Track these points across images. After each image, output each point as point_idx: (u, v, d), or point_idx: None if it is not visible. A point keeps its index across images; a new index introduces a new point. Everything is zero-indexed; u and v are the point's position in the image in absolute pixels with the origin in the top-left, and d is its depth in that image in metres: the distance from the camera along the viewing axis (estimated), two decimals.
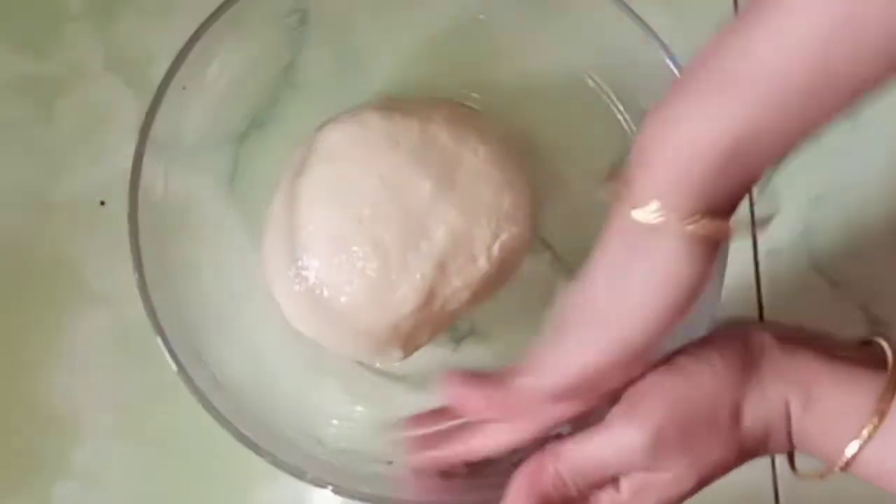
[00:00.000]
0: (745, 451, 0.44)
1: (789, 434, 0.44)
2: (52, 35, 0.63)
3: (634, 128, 0.56)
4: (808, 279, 0.63)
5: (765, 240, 0.63)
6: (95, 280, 0.61)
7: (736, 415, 0.43)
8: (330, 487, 0.49)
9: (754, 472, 0.46)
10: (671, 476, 0.43)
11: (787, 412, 0.44)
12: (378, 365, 0.58)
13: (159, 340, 0.49)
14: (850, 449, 0.43)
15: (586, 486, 0.44)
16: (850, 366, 0.44)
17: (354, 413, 0.56)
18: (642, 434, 0.43)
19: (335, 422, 0.56)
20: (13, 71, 0.63)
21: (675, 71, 0.53)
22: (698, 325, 0.51)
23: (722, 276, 0.52)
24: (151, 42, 0.62)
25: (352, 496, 0.49)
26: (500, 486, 0.46)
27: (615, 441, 0.43)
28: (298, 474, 0.49)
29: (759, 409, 0.44)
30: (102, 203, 0.62)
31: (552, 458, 0.44)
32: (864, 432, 0.42)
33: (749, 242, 0.63)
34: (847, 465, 0.43)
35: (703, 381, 0.44)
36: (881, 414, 0.42)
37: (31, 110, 0.63)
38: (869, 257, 0.63)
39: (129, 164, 0.51)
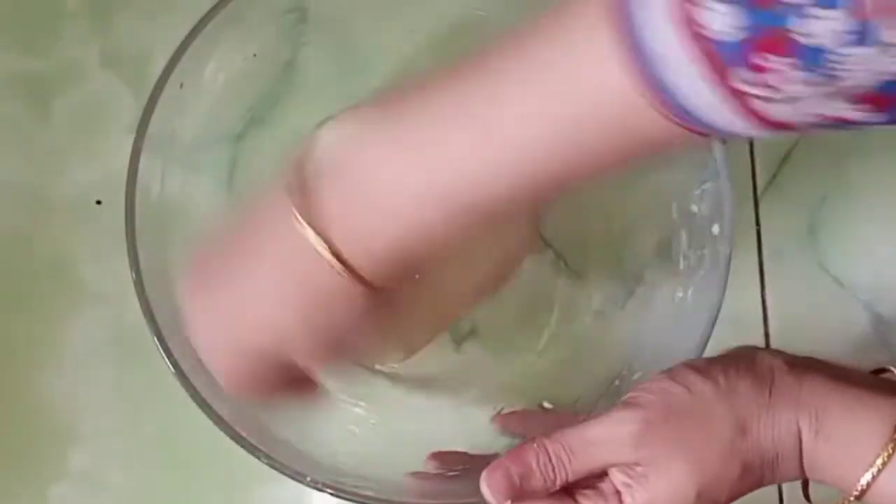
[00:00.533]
0: (752, 471, 0.43)
1: (801, 459, 0.43)
2: (49, 33, 0.63)
3: None
4: (814, 279, 0.62)
5: (770, 240, 0.62)
6: (93, 280, 0.61)
7: (741, 430, 0.43)
8: (329, 490, 0.48)
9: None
10: (667, 479, 0.43)
11: (798, 436, 0.43)
12: (378, 366, 0.57)
13: (156, 341, 0.49)
14: (865, 478, 0.42)
15: (571, 466, 0.44)
16: (863, 392, 0.43)
17: (353, 415, 0.56)
18: (632, 419, 0.43)
19: (334, 423, 0.55)
20: (9, 69, 0.63)
21: None
22: (697, 325, 0.51)
23: (725, 276, 0.51)
24: (149, 40, 0.62)
25: (351, 499, 0.49)
26: None
27: (609, 424, 0.44)
28: (297, 477, 0.48)
29: (768, 428, 0.43)
30: (99, 202, 0.61)
31: (548, 437, 0.44)
32: (879, 461, 0.42)
33: (753, 243, 0.62)
34: (861, 494, 0.42)
35: (703, 392, 0.44)
36: None
37: (27, 108, 0.62)
38: (875, 257, 0.63)
39: (126, 162, 0.51)
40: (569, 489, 0.44)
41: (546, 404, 0.56)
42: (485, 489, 0.44)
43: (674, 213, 0.55)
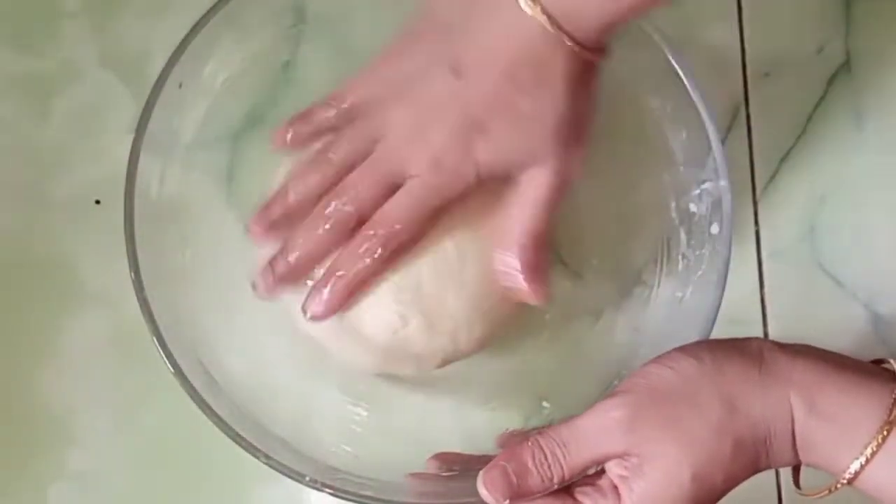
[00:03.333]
0: (745, 450, 0.43)
1: (794, 438, 0.43)
2: (49, 32, 0.63)
3: None
4: (813, 279, 0.62)
5: (769, 240, 0.62)
6: (92, 280, 0.61)
7: (730, 407, 0.43)
8: (328, 490, 0.48)
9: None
10: (661, 465, 0.42)
11: (790, 413, 0.43)
12: None
13: (155, 341, 0.49)
14: (857, 462, 0.42)
15: (566, 461, 0.44)
16: (859, 376, 0.43)
17: (354, 414, 0.56)
18: (619, 404, 0.43)
19: (334, 423, 0.55)
20: (8, 68, 0.63)
21: (678, 68, 0.52)
22: (696, 324, 0.51)
23: (724, 275, 0.51)
24: (148, 39, 0.62)
25: (350, 499, 0.49)
26: None
27: (593, 410, 0.44)
28: (296, 477, 0.48)
29: (759, 405, 0.43)
30: (98, 202, 0.61)
31: (540, 433, 0.45)
32: (871, 446, 0.42)
33: (752, 243, 0.62)
34: (852, 479, 0.42)
35: (687, 372, 0.44)
36: (892, 425, 0.42)
37: (26, 108, 0.62)
38: (874, 257, 0.63)
39: (125, 162, 0.51)
40: (568, 488, 0.45)
41: (545, 404, 0.56)
42: (482, 489, 0.44)
43: (673, 212, 0.55)
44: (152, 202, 0.52)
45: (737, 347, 0.45)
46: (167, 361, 0.49)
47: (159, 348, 0.49)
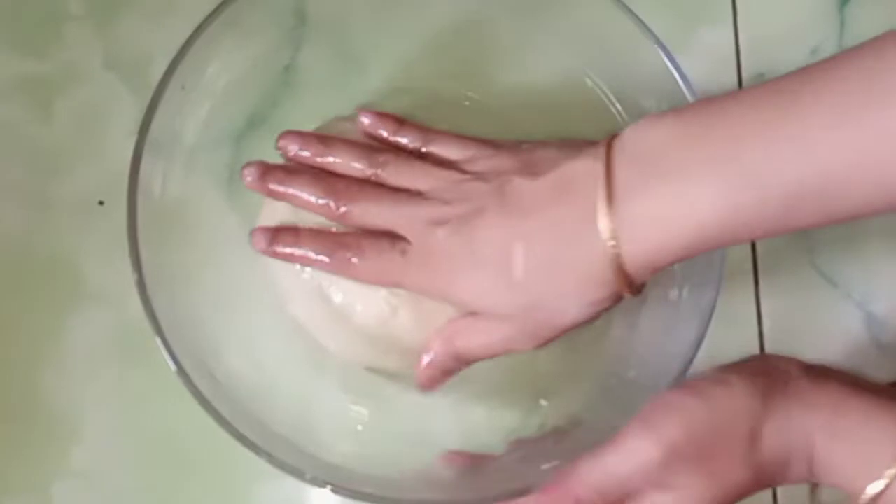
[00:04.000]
0: (764, 476, 0.43)
1: (811, 461, 0.43)
2: (52, 35, 0.63)
3: None
4: (807, 278, 0.63)
5: (764, 239, 0.63)
6: (95, 280, 0.61)
7: (755, 437, 0.43)
8: (329, 487, 0.49)
9: None
10: (689, 495, 0.43)
11: (811, 440, 0.43)
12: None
13: (158, 340, 0.49)
14: (877, 485, 0.42)
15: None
16: (881, 399, 0.43)
17: (354, 412, 0.57)
18: (659, 449, 0.43)
19: (336, 421, 0.56)
20: (12, 71, 0.63)
21: (673, 70, 0.53)
22: (692, 323, 0.52)
23: (720, 275, 0.52)
24: (150, 42, 0.62)
25: (350, 496, 0.49)
26: (503, 482, 0.46)
27: (632, 456, 0.43)
28: (297, 474, 0.49)
29: (781, 433, 0.43)
30: (101, 203, 0.62)
31: (575, 482, 0.44)
32: (895, 467, 0.42)
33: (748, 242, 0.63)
34: (874, 501, 0.42)
35: (719, 402, 0.44)
36: None
37: (29, 110, 0.63)
38: (868, 257, 0.63)
39: (128, 164, 0.51)
40: None
41: (543, 402, 0.57)
42: None
43: None
44: (155, 203, 0.52)
45: (763, 369, 0.45)
46: (170, 361, 0.49)
47: (162, 348, 0.49)
